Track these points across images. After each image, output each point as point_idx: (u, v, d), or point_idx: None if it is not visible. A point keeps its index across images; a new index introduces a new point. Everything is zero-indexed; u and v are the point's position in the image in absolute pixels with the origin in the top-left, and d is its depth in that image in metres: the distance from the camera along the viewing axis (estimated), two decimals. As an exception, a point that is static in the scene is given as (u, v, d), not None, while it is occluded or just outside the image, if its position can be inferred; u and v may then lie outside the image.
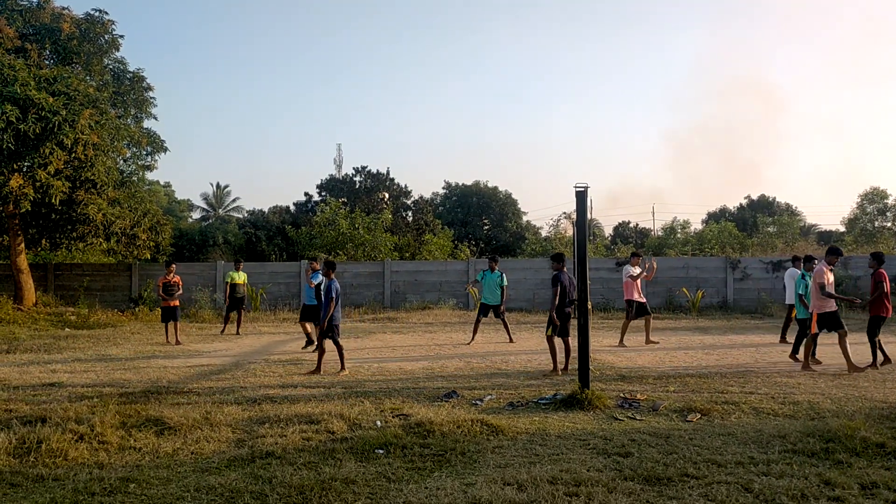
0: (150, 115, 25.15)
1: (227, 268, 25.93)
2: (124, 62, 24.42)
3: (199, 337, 17.50)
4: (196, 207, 57.98)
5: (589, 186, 9.10)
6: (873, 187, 38.44)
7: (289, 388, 9.90)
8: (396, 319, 21.98)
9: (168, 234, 25.58)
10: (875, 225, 37.88)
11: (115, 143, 21.84)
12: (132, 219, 23.14)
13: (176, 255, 30.33)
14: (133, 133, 23.54)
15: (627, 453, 6.33)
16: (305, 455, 6.30)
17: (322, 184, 45.86)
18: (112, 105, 23.54)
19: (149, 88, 24.77)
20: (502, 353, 13.79)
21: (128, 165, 25.48)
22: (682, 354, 13.54)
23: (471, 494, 5.20)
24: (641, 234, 52.26)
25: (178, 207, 53.57)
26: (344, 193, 41.86)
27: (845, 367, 11.12)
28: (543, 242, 35.00)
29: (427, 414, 7.77)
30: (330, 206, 31.51)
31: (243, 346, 15.35)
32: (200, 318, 21.87)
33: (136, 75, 24.47)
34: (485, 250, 40.52)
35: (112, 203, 22.72)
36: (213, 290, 24.69)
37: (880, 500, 5.01)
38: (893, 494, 5.11)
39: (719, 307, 24.43)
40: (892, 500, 5.02)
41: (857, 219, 38.68)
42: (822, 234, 47.29)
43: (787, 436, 6.78)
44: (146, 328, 19.43)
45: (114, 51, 23.91)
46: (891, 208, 37.99)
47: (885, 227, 37.82)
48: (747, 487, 5.32)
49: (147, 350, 14.76)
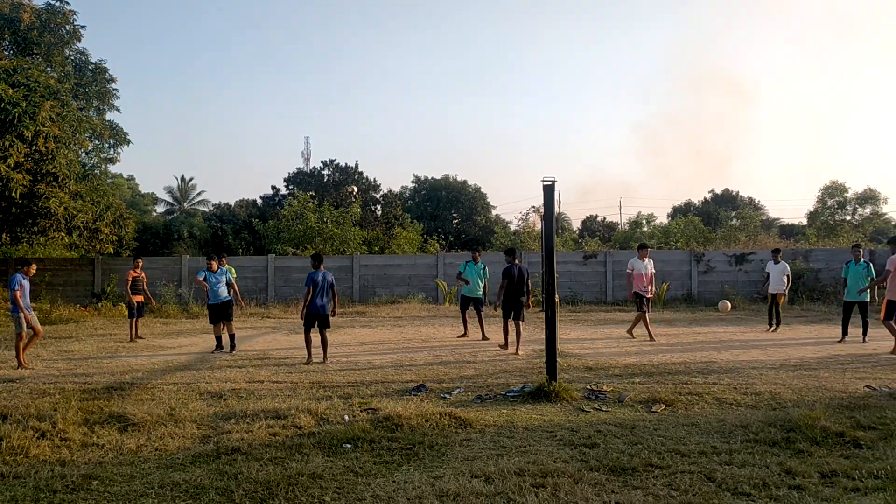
0: (113, 107, 24.68)
1: (193, 262, 25.72)
2: (86, 53, 23.92)
3: (163, 332, 17.29)
4: (160, 201, 57.17)
5: (556, 180, 9.15)
6: (833, 181, 39.20)
7: (255, 383, 9.82)
8: (365, 314, 21.91)
9: (131, 228, 25.20)
10: (836, 218, 38.62)
11: (77, 135, 21.41)
12: (94, 212, 22.71)
13: (140, 249, 29.92)
14: (95, 125, 23.09)
15: (593, 444, 6.39)
16: (272, 450, 6.26)
17: (290, 177, 45.56)
18: (74, 97, 23.06)
19: (111, 80, 24.30)
20: (471, 347, 13.83)
21: (90, 158, 24.98)
22: (647, 346, 13.70)
23: (438, 487, 5.21)
24: (609, 228, 52.71)
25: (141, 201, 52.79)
26: (312, 187, 41.60)
27: None
28: (513, 236, 35.13)
29: (395, 408, 7.77)
30: (298, 199, 31.28)
31: (209, 342, 15.19)
32: (165, 313, 21.59)
33: (99, 67, 23.99)
34: (454, 244, 40.57)
35: (74, 196, 22.28)
36: (177, 285, 24.40)
37: (839, 489, 5.12)
38: (852, 482, 5.23)
39: (684, 299, 24.76)
40: (851, 487, 5.13)
41: (819, 212, 39.40)
42: (784, 227, 48.17)
43: (749, 425, 6.90)
44: (109, 323, 19.14)
45: (75, 42, 23.40)
46: (850, 202, 38.75)
47: (845, 220, 38.58)
48: (710, 477, 5.41)
49: (110, 346, 14.55)
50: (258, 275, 25.40)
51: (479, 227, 49.09)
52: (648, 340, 14.51)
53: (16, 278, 11.79)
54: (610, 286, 25.21)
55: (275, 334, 16.63)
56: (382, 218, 39.57)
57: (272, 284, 25.34)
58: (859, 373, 10.18)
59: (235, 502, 5.03)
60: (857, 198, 38.70)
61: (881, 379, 9.62)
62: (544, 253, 9.29)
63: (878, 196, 38.64)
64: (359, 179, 45.31)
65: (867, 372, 10.24)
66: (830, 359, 11.69)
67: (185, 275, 25.06)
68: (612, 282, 25.31)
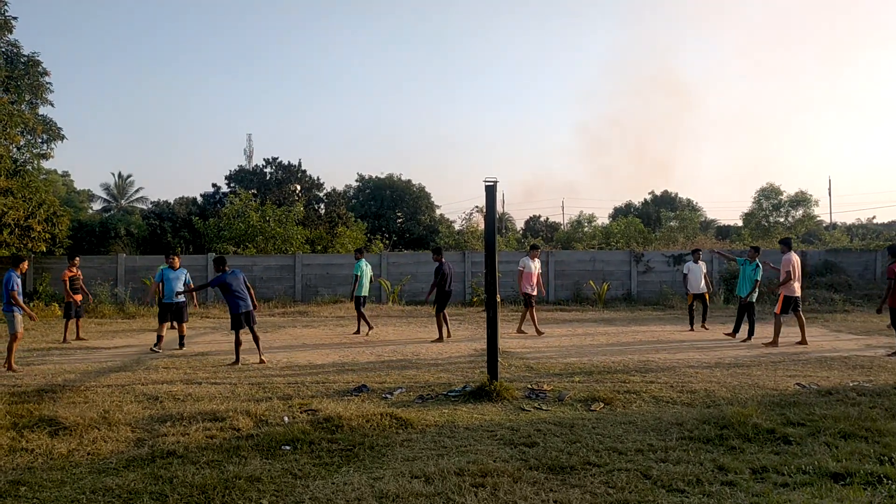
0: (47, 101, 23.93)
1: (130, 261, 25.13)
2: (18, 45, 23.16)
3: (98, 333, 16.81)
4: (97, 198, 55.63)
5: (498, 181, 9.20)
6: (769, 184, 40.41)
7: (193, 385, 9.63)
8: (307, 313, 21.69)
9: (65, 225, 24.45)
10: (770, 220, 39.81)
11: (8, 129, 20.70)
12: (26, 209, 21.96)
13: (74, 247, 28.96)
14: (27, 119, 22.35)
15: (533, 443, 6.45)
16: (209, 453, 6.15)
17: (231, 175, 44.76)
18: (4, 90, 22.28)
19: (45, 73, 23.55)
20: (413, 346, 13.82)
21: (21, 154, 24.17)
22: (588, 346, 13.90)
23: (378, 488, 5.19)
24: (551, 228, 53.34)
25: (77, 198, 51.17)
26: (254, 185, 40.97)
27: None
28: (457, 236, 35.21)
29: (336, 409, 7.72)
30: (240, 197, 30.76)
31: (145, 342, 14.83)
32: (100, 313, 20.98)
33: (31, 59, 23.22)
34: (398, 243, 40.48)
35: (4, 193, 21.50)
36: (113, 284, 23.75)
37: (769, 484, 5.28)
38: (781, 478, 5.40)
39: (624, 299, 25.20)
40: (781, 482, 5.30)
41: (754, 214, 40.55)
42: (721, 228, 49.47)
43: (685, 423, 7.07)
44: (41, 324, 18.51)
45: (6, 33, 22.62)
46: (784, 204, 40.00)
47: (779, 221, 39.81)
48: (646, 474, 5.52)
49: (42, 347, 14.08)
50: (197, 274, 24.84)
51: (423, 227, 49.08)
52: (536, 335, 15.34)
53: (11, 277, 11.46)
54: (552, 286, 25.48)
55: (214, 334, 16.33)
56: (326, 217, 39.19)
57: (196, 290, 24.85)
58: (790, 371, 10.52)
59: (170, 507, 4.92)
60: (791, 200, 39.94)
61: (811, 377, 9.95)
62: (486, 253, 9.33)
63: (810, 199, 39.99)
64: (302, 178, 44.78)
65: (797, 370, 10.58)
66: (763, 357, 12.05)
67: (122, 274, 24.42)
68: (555, 281, 25.59)
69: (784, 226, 39.31)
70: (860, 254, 26.94)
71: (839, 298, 22.55)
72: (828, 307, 21.39)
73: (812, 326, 17.14)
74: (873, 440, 6.35)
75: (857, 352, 12.67)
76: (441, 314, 14.87)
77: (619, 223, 37.16)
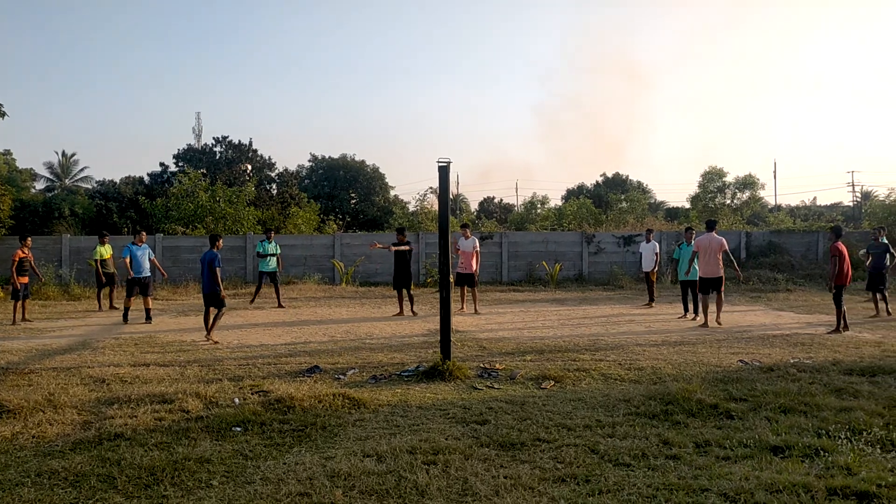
0: (-15, 76, 23.07)
1: (74, 241, 24.43)
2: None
3: (43, 315, 16.40)
4: (40, 177, 53.80)
5: (451, 161, 9.21)
6: (713, 167, 41.13)
7: (141, 367, 9.48)
8: (259, 294, 21.44)
9: (7, 205, 23.74)
10: (716, 202, 40.59)
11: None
12: (-36, 188, 21.22)
13: (17, 227, 28.08)
14: (-36, 95, 21.51)
15: (485, 421, 6.53)
16: (157, 435, 6.08)
17: (179, 154, 43.92)
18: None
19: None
20: (367, 327, 13.81)
21: (-42, 131, 23.31)
22: (540, 325, 14.08)
23: (330, 468, 5.21)
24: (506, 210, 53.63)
25: (19, 177, 49.39)
26: (203, 164, 40.26)
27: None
28: (411, 217, 35.17)
29: (288, 389, 7.68)
30: (189, 176, 30.16)
31: (91, 325, 14.53)
32: (44, 294, 20.43)
33: (-33, 32, 22.32)
34: (351, 224, 40.25)
35: (-60, 171, 20.74)
36: (58, 265, 23.14)
37: (712, 457, 5.44)
38: (724, 451, 5.57)
39: (575, 279, 25.53)
40: (723, 456, 5.47)
41: (700, 196, 41.29)
42: (670, 210, 50.34)
43: (632, 399, 7.23)
44: (-18, 307, 17.96)
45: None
46: (728, 186, 40.81)
47: (725, 203, 40.62)
48: (594, 449, 5.64)
49: (-18, 330, 13.69)
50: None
51: (377, 208, 48.86)
52: (469, 313, 15.92)
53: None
54: (505, 266, 25.66)
55: (162, 316, 16.06)
56: (278, 197, 38.70)
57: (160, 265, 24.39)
58: (733, 348, 10.82)
59: (118, 489, 4.87)
60: (737, 182, 40.74)
61: (753, 353, 10.25)
62: (439, 233, 9.35)
63: (756, 182, 40.85)
64: (253, 157, 44.19)
65: (741, 347, 10.88)
66: (708, 334, 12.36)
67: (67, 255, 23.77)
68: (508, 262, 25.78)
69: (730, 207, 40.12)
70: (802, 235, 27.70)
71: (782, 278, 23.21)
72: (771, 286, 21.99)
73: (755, 305, 17.63)
74: (811, 414, 6.58)
75: (798, 329, 13.08)
76: (407, 290, 15.25)
77: (572, 204, 37.53)
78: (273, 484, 4.93)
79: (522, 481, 4.92)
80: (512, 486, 4.83)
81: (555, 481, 4.95)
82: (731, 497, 4.58)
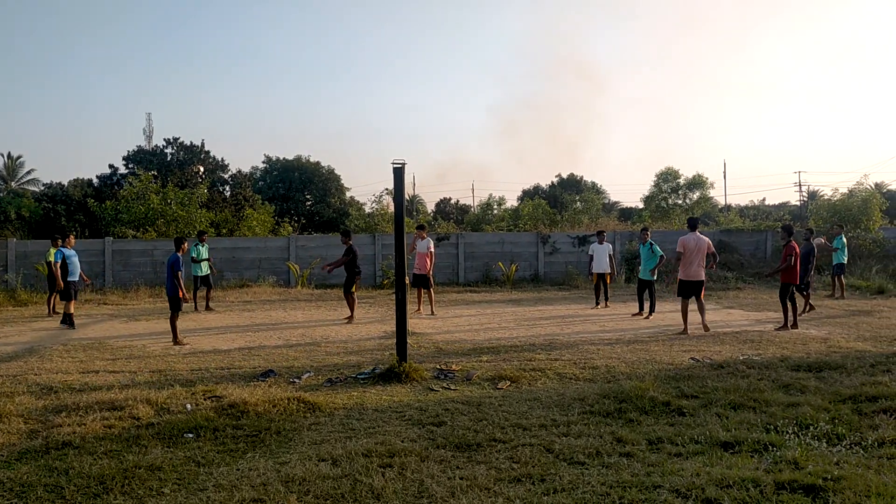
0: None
1: (21, 245, 23.80)
2: None
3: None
4: (-16, 180, 52.38)
5: (406, 163, 9.21)
6: (668, 168, 41.80)
7: (90, 374, 9.26)
8: (212, 298, 21.10)
9: (-52, 208, 22.92)
10: (669, 202, 41.25)
11: None
12: None
13: (-42, 231, 27.25)
14: None
15: (441, 422, 6.54)
16: (107, 443, 5.95)
17: (129, 155, 43.01)
18: None
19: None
20: (322, 329, 13.70)
21: None
22: (496, 326, 14.13)
23: (284, 473, 5.15)
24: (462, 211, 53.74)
25: (-39, 179, 48.09)
26: (154, 166, 39.44)
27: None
28: (367, 218, 34.99)
29: (241, 394, 7.58)
30: (140, 178, 29.54)
31: (39, 331, 14.14)
32: (-13, 301, 19.79)
33: None
34: (307, 226, 39.88)
35: None
36: (3, 270, 22.48)
37: (664, 454, 5.53)
38: (676, 448, 5.66)
39: (531, 280, 25.69)
40: (675, 452, 5.56)
41: (654, 196, 41.91)
42: (624, 210, 51.06)
43: (586, 398, 7.31)
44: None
45: None
46: (682, 187, 41.49)
47: (678, 204, 41.30)
48: (549, 448, 5.68)
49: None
50: (94, 259, 23.80)
51: (333, 209, 48.45)
52: (425, 315, 15.86)
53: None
54: (462, 267, 25.71)
55: (112, 322, 15.71)
56: (231, 199, 38.11)
57: (109, 269, 23.86)
58: (685, 346, 11.01)
59: (66, 499, 4.76)
60: (688, 183, 41.44)
61: (704, 351, 10.45)
62: (395, 235, 9.33)
63: (706, 182, 41.61)
64: (205, 159, 43.47)
65: (692, 345, 11.08)
66: (661, 333, 12.56)
67: (13, 259, 23.10)
68: (464, 263, 25.83)
69: (682, 208, 40.78)
70: (752, 234, 28.30)
71: (732, 276, 23.69)
72: (721, 285, 22.42)
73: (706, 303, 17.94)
74: (760, 410, 6.73)
75: (748, 327, 13.37)
76: (351, 294, 14.88)
77: (528, 205, 37.74)
78: (226, 490, 4.85)
79: (478, 482, 4.94)
80: (468, 487, 4.84)
81: (510, 481, 4.98)
82: (683, 493, 4.65)
